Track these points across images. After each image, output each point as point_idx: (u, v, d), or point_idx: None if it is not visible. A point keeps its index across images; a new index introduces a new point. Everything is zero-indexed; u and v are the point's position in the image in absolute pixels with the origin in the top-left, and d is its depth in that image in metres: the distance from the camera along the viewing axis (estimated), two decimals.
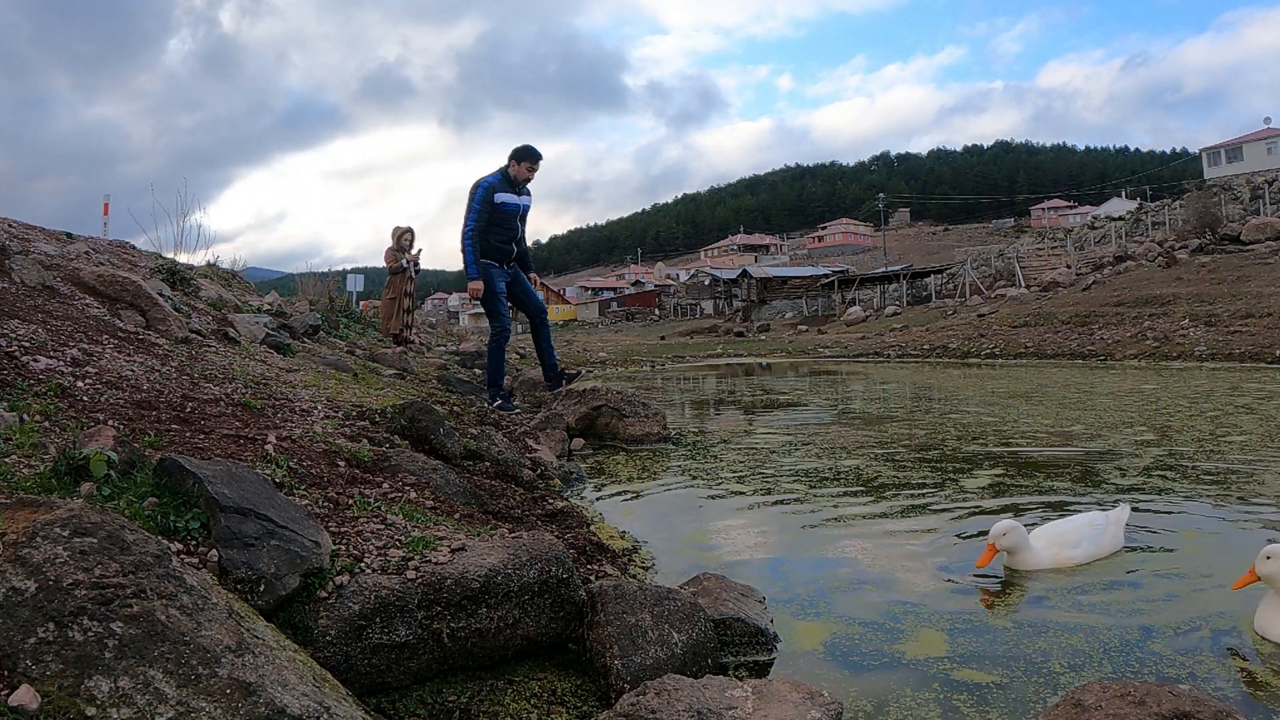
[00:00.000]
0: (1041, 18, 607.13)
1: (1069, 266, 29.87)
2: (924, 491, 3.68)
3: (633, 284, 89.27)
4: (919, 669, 1.91)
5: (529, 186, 5.94)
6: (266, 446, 2.46)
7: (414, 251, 10.79)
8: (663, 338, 34.91)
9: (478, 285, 5.61)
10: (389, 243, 10.64)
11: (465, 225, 5.64)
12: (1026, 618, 2.20)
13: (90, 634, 1.12)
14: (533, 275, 6.22)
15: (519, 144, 5.82)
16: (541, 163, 5.87)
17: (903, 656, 1.98)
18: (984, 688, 1.80)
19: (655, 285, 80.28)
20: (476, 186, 5.70)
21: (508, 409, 5.70)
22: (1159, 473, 3.94)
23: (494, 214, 5.65)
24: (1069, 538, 2.61)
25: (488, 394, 5.98)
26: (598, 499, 3.74)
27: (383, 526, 1.93)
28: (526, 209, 5.88)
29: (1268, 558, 2.11)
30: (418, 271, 10.81)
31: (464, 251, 5.64)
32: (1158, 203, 47.22)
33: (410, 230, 10.77)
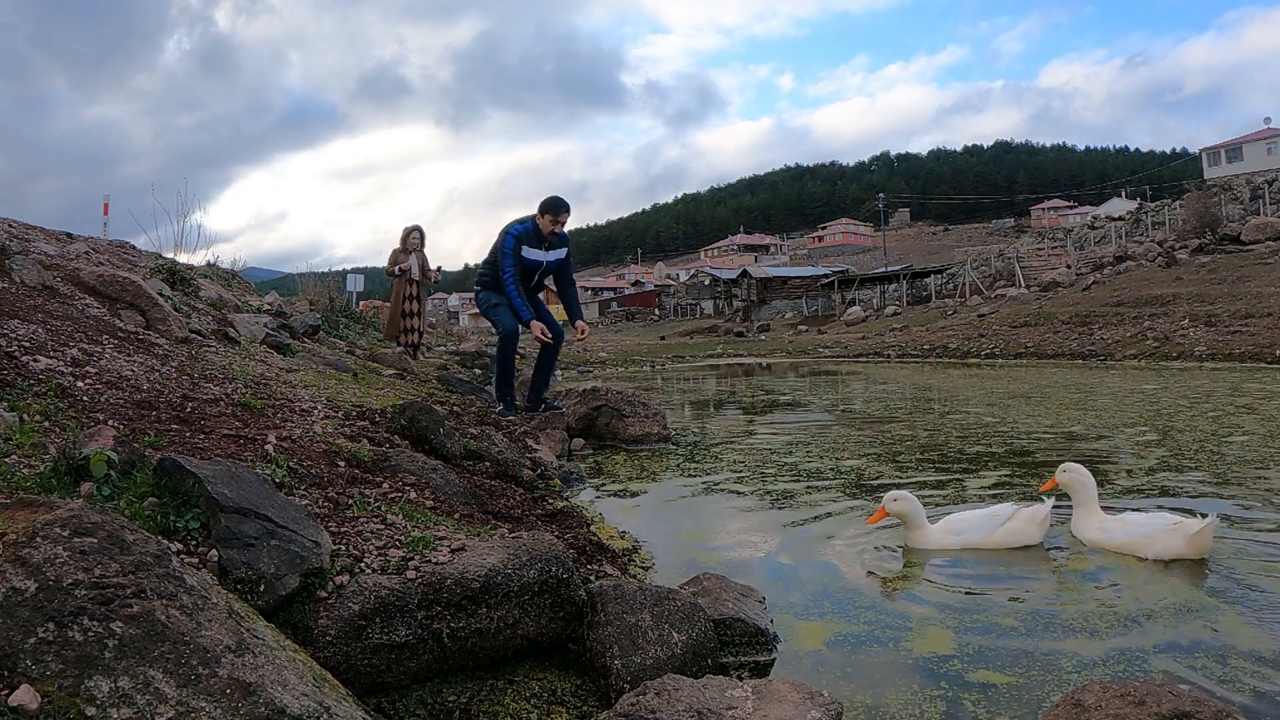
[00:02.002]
0: (1043, 18, 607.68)
1: (1069, 266, 29.86)
2: (927, 493, 3.67)
3: (633, 284, 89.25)
4: (925, 668, 1.91)
5: (566, 233, 5.78)
6: (266, 446, 2.46)
7: (432, 269, 10.21)
8: (663, 338, 34.90)
9: (539, 325, 5.51)
10: (395, 244, 10.24)
11: (504, 274, 5.52)
12: (1034, 617, 2.20)
13: (90, 634, 1.12)
14: (580, 324, 5.89)
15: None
16: (565, 209, 5.65)
17: (907, 656, 1.98)
18: (993, 687, 1.80)
19: (655, 285, 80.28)
20: (505, 233, 5.62)
21: (509, 414, 5.66)
22: (1164, 474, 3.93)
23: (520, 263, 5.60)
24: (956, 525, 2.80)
25: (494, 398, 5.88)
26: (598, 499, 3.74)
27: (383, 526, 1.93)
28: (555, 263, 5.75)
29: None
30: (424, 278, 10.21)
31: (511, 299, 5.50)
32: (1158, 203, 47.21)
33: (418, 229, 10.10)
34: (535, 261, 5.63)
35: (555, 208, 5.59)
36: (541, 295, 6.10)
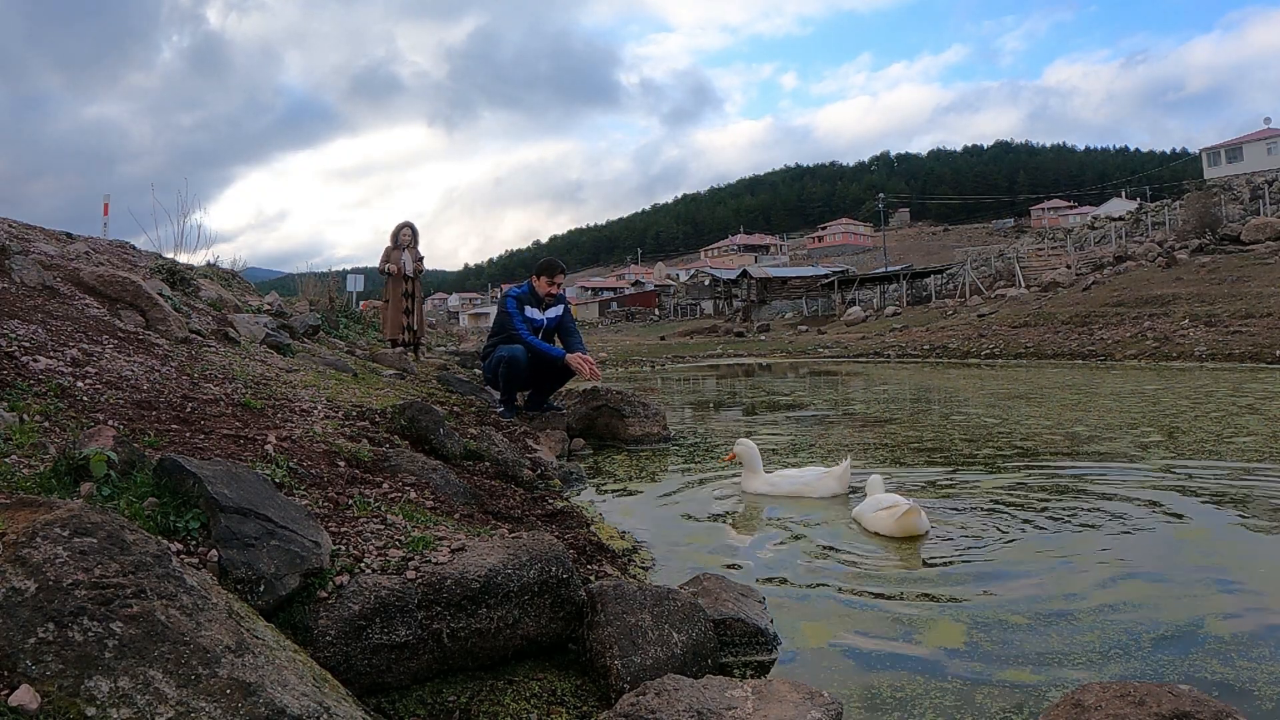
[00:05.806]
0: (1047, 16, 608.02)
1: (1069, 266, 29.84)
2: (929, 493, 3.67)
3: (633, 284, 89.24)
4: (927, 667, 1.90)
5: (562, 293, 5.86)
6: (266, 446, 2.46)
7: (417, 261, 9.98)
8: (662, 338, 34.90)
9: (575, 355, 5.54)
10: (389, 243, 10.15)
11: (519, 332, 5.57)
12: (1041, 616, 2.19)
13: (90, 634, 1.12)
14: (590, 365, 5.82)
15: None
16: (560, 270, 5.77)
17: (909, 655, 1.98)
18: (997, 685, 1.80)
19: (655, 285, 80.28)
20: (505, 298, 5.74)
21: (509, 414, 5.65)
22: (1173, 475, 3.92)
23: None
24: (774, 478, 3.70)
25: (500, 402, 5.87)
26: (598, 499, 3.74)
27: (383, 526, 1.92)
28: (555, 320, 5.83)
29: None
30: (417, 274, 10.10)
31: (535, 349, 5.52)
32: (1158, 203, 47.18)
33: (409, 225, 9.97)
34: (536, 322, 5.74)
35: (551, 269, 5.74)
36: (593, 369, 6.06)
